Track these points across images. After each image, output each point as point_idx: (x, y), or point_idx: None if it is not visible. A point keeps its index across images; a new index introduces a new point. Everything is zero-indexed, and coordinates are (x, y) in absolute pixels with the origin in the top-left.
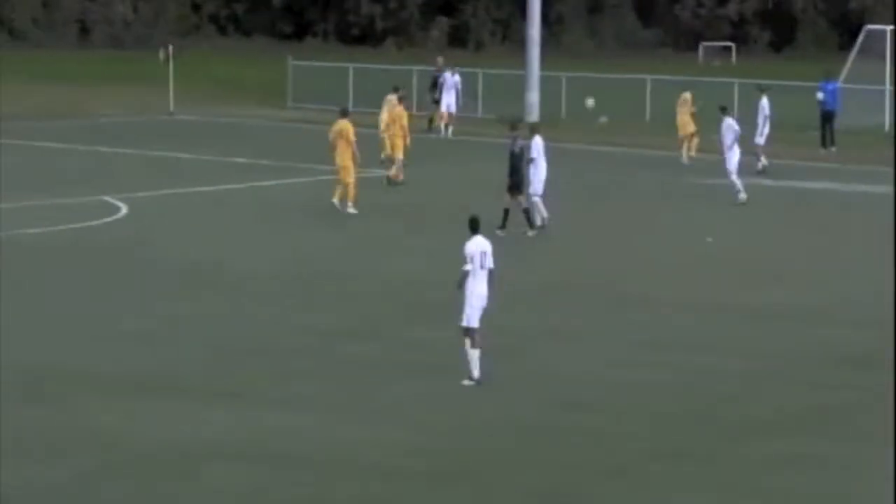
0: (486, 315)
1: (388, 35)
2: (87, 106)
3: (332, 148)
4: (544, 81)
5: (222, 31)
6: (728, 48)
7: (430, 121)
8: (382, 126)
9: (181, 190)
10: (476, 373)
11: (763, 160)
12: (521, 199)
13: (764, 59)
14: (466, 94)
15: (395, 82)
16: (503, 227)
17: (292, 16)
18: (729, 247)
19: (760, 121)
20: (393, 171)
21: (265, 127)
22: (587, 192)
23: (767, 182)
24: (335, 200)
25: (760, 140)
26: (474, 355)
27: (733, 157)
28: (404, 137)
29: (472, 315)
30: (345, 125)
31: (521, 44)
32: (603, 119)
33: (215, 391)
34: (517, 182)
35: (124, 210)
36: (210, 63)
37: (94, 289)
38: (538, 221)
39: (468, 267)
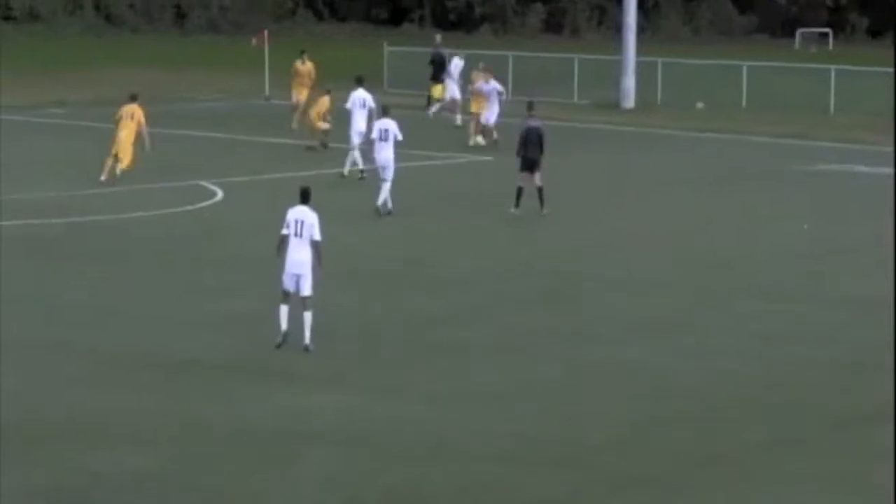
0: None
1: (484, 21)
2: (183, 91)
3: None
4: (640, 67)
5: (318, 16)
6: (825, 34)
7: (429, 99)
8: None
9: (276, 175)
10: (307, 337)
11: None
12: (537, 178)
13: (862, 45)
14: (562, 80)
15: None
16: (517, 205)
17: (388, 2)
18: (827, 234)
19: None
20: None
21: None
22: (681, 177)
23: (862, 169)
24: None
25: None
26: (306, 318)
27: None
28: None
29: (286, 280)
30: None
31: (617, 29)
32: (699, 105)
33: (314, 376)
34: (529, 162)
35: (220, 195)
36: (305, 48)
37: (191, 273)
38: (346, 169)
39: (284, 231)
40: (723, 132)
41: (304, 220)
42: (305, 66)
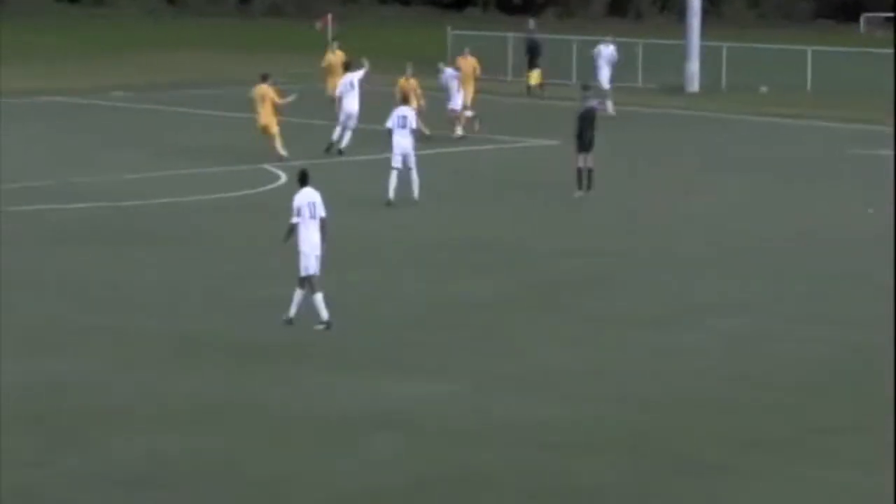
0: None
1: (548, 5)
2: (247, 74)
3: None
4: (704, 51)
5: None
6: (890, 19)
7: (537, 86)
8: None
9: (340, 159)
10: (325, 315)
11: None
12: (589, 159)
13: None
14: (626, 64)
15: (555, 53)
16: (580, 187)
17: None
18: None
19: None
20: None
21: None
22: (744, 161)
23: None
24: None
25: None
26: (319, 299)
27: None
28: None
29: (309, 264)
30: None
31: (681, 14)
32: (763, 89)
33: (375, 361)
34: (586, 142)
35: (283, 178)
36: (369, 32)
37: (252, 257)
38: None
39: (295, 220)
40: (787, 117)
41: (314, 202)
42: (336, 56)
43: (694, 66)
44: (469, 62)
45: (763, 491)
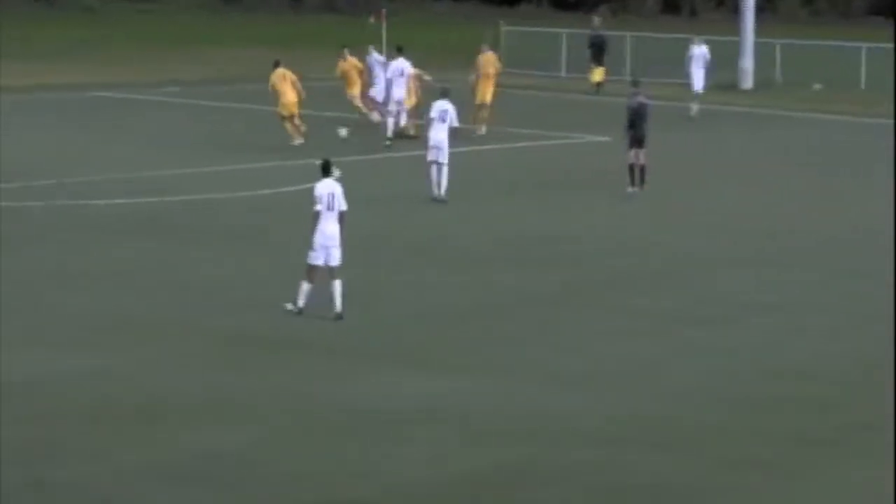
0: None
1: (603, 1)
2: (300, 69)
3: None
4: (758, 48)
5: None
6: None
7: (597, 84)
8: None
9: (394, 154)
10: (301, 301)
11: None
12: (642, 155)
13: None
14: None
15: (609, 48)
16: (633, 183)
17: None
18: None
19: None
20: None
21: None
22: (797, 158)
23: None
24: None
25: None
26: (336, 287)
27: None
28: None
29: (318, 254)
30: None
31: (736, 11)
32: (817, 86)
33: (423, 356)
34: (638, 138)
35: (336, 173)
36: (421, 28)
37: (299, 251)
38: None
39: (318, 208)
40: (841, 114)
41: (334, 193)
42: (349, 63)
43: (748, 63)
44: (489, 59)
45: (809, 489)
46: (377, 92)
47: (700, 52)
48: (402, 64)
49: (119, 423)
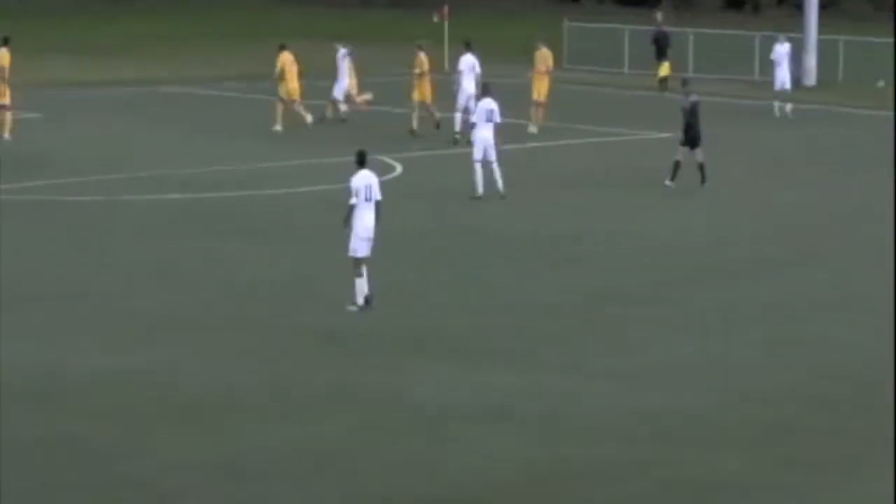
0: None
1: None
2: (366, 65)
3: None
4: (821, 45)
5: None
6: None
7: (662, 80)
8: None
9: (457, 150)
10: (360, 299)
11: None
12: (699, 153)
13: None
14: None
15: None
16: (673, 178)
17: None
18: None
19: None
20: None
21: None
22: (860, 155)
23: None
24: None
25: None
26: (361, 284)
27: None
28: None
29: (359, 246)
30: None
31: (799, 7)
32: (881, 83)
33: (485, 352)
34: (693, 137)
35: (399, 169)
36: (485, 24)
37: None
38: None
39: (354, 201)
40: None
41: (371, 185)
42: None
43: (811, 60)
44: (543, 55)
45: (868, 490)
46: (338, 90)
47: (784, 50)
48: (471, 59)
49: (183, 420)
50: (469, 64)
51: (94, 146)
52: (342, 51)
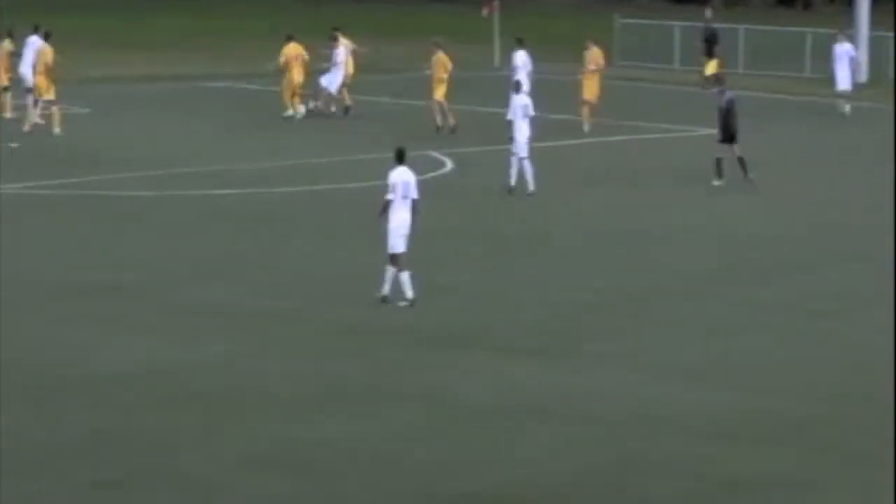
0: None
1: None
2: (413, 60)
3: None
4: (872, 41)
5: None
6: None
7: (706, 78)
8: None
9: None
10: (409, 293)
11: None
12: (736, 148)
13: None
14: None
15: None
16: (720, 176)
17: None
18: None
19: None
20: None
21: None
22: None
23: None
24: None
25: None
26: (404, 277)
27: None
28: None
29: (397, 242)
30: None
31: (850, 3)
32: None
33: (532, 349)
34: (731, 133)
35: (449, 165)
36: (536, 19)
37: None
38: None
39: (390, 196)
40: None
41: (408, 182)
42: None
43: (862, 56)
44: (593, 55)
45: None
46: (328, 81)
47: (844, 50)
48: (524, 56)
49: (232, 413)
50: (522, 60)
51: (141, 141)
52: (341, 46)
